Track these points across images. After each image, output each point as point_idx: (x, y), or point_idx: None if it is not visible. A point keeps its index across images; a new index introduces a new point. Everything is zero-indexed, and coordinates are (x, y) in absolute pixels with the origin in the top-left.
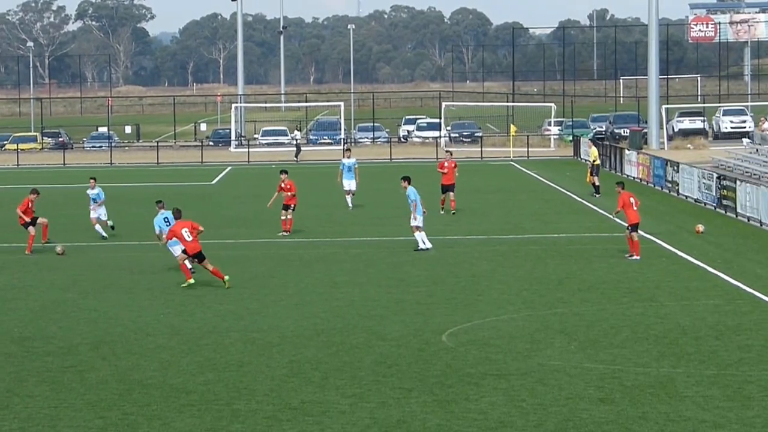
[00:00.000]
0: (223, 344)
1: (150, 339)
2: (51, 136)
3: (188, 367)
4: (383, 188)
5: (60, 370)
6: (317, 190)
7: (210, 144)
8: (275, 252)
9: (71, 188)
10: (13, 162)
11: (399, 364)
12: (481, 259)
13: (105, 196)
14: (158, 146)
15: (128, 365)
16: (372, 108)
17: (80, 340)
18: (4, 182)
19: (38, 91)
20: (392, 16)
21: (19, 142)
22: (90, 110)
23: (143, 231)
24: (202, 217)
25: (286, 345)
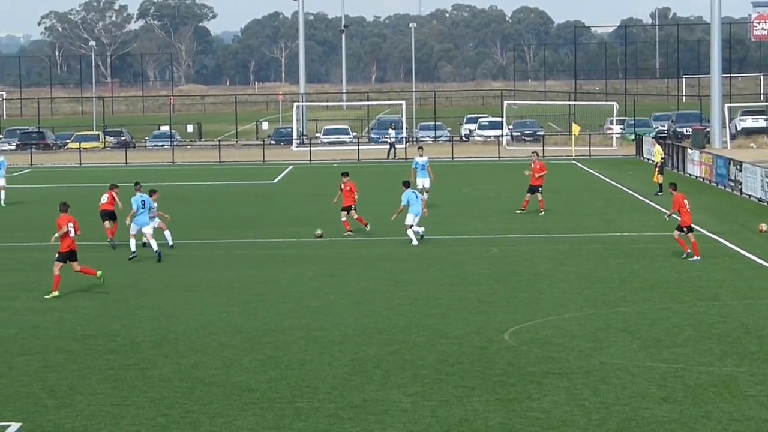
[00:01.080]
0: (285, 342)
1: (212, 337)
2: (113, 135)
3: (250, 365)
4: (445, 187)
5: (123, 368)
6: (379, 189)
7: (272, 143)
8: (337, 251)
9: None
10: (76, 161)
11: (461, 362)
12: (543, 257)
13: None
14: (220, 145)
15: (190, 363)
16: (434, 107)
17: (143, 337)
18: (67, 181)
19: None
20: (453, 15)
21: (81, 140)
22: (152, 109)
23: (205, 229)
24: (264, 216)
25: (348, 343)
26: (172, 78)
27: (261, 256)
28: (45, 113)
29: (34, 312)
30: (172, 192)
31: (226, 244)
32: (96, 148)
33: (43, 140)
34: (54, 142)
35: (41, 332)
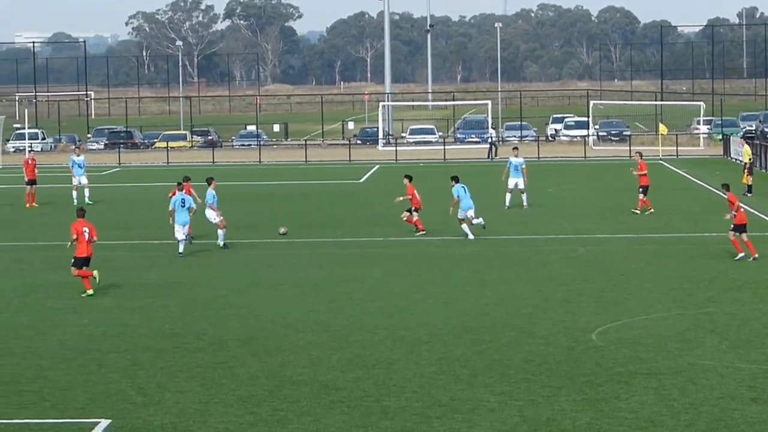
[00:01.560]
0: (372, 341)
1: (299, 335)
2: (200, 135)
3: (338, 364)
4: (531, 187)
5: (211, 366)
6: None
7: (357, 142)
8: (423, 250)
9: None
10: (163, 160)
11: (548, 362)
12: (630, 257)
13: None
14: (306, 144)
15: (278, 362)
16: (519, 106)
17: (230, 336)
18: (155, 180)
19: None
20: (539, 15)
21: (168, 140)
22: (238, 109)
23: (291, 228)
24: (351, 215)
25: (435, 343)
26: (259, 78)
27: (348, 254)
28: (132, 113)
29: (123, 310)
30: (258, 191)
31: (312, 243)
32: (183, 147)
33: (130, 139)
34: (141, 141)
35: (130, 330)
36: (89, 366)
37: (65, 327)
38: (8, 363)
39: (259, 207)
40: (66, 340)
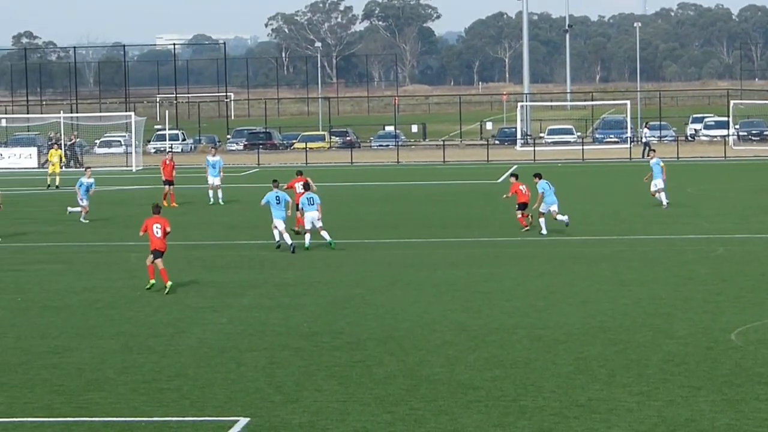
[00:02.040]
0: (510, 341)
1: (437, 335)
2: (339, 135)
3: (475, 363)
4: (670, 187)
5: (348, 365)
6: (604, 189)
7: (496, 143)
8: (561, 249)
9: (359, 186)
10: (302, 161)
11: (687, 362)
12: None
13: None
14: (444, 145)
15: (415, 361)
16: (659, 106)
17: (368, 335)
18: None
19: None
20: (679, 14)
21: (307, 140)
22: (376, 109)
23: (429, 228)
24: (487, 216)
25: (573, 342)
26: (397, 78)
27: (485, 254)
28: (272, 114)
29: (261, 309)
30: (397, 191)
31: (449, 243)
32: (322, 148)
33: (270, 140)
34: (281, 142)
35: (268, 329)
36: (228, 364)
37: (205, 325)
38: (149, 361)
39: (397, 207)
40: (205, 339)
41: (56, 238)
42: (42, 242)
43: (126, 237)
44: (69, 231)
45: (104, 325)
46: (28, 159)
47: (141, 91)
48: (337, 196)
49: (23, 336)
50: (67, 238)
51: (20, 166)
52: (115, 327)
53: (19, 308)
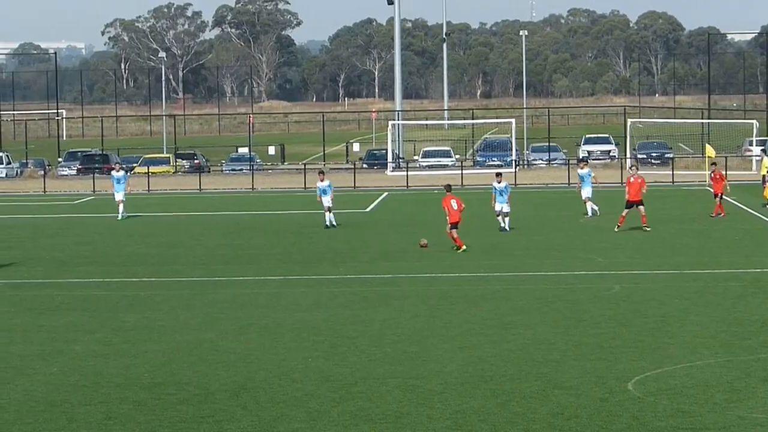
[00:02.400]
0: (379, 392)
1: (296, 386)
2: (185, 158)
3: (340, 418)
4: (560, 217)
5: (195, 421)
6: (485, 219)
7: (364, 166)
8: (437, 288)
9: (209, 216)
10: (144, 187)
11: (578, 415)
12: (672, 296)
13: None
14: (305, 169)
15: (272, 415)
16: (548, 125)
17: (218, 386)
18: (135, 209)
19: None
20: (570, 21)
21: (150, 164)
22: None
23: (289, 264)
24: (354, 250)
25: (450, 393)
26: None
27: (352, 294)
28: (109, 133)
29: (97, 357)
30: (252, 222)
31: (312, 280)
32: (166, 172)
33: (107, 164)
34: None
35: (105, 380)
36: (58, 420)
37: (31, 376)
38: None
39: (252, 240)
40: (32, 391)
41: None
42: None
43: None
44: None
45: None
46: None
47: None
48: (183, 227)
49: None
50: None
51: None
52: None
53: None
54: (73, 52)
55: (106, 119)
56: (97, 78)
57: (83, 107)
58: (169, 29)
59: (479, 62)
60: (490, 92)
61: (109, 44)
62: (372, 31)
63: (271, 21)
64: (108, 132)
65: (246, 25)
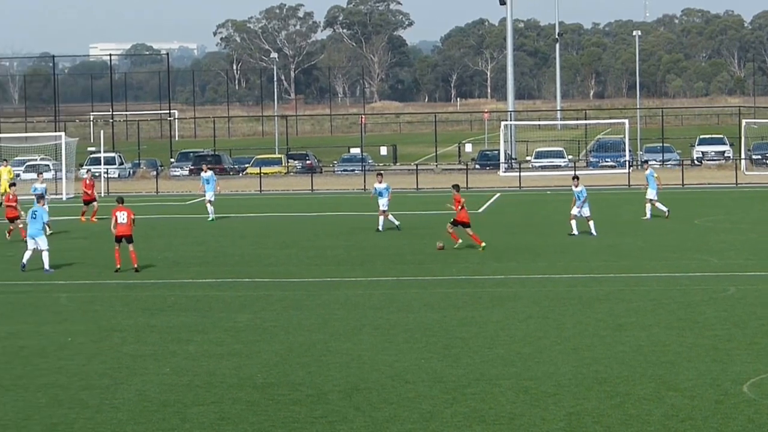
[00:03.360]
0: (492, 393)
1: (409, 387)
2: (297, 159)
3: (452, 419)
4: (675, 218)
5: (308, 421)
6: (599, 219)
7: (476, 167)
8: (550, 290)
9: (321, 216)
10: (256, 187)
11: (693, 417)
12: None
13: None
14: (417, 170)
15: (385, 416)
16: (661, 126)
17: (331, 387)
18: (247, 210)
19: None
20: (684, 21)
21: (262, 165)
22: (340, 129)
23: (400, 265)
24: (467, 251)
25: (564, 395)
26: (364, 94)
27: (464, 295)
28: (221, 134)
29: (210, 357)
30: (364, 223)
31: (424, 281)
32: (278, 173)
33: (219, 164)
34: (231, 166)
35: (217, 380)
36: (171, 420)
37: (145, 376)
38: (81, 417)
39: (364, 241)
40: (145, 391)
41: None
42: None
43: (55, 275)
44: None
45: (30, 376)
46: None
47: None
48: (295, 228)
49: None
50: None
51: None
52: (42, 378)
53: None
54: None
55: (218, 120)
56: (209, 79)
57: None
58: (281, 30)
59: (592, 62)
60: (603, 92)
61: (221, 45)
62: (484, 32)
63: (382, 21)
64: (220, 132)
65: (358, 26)
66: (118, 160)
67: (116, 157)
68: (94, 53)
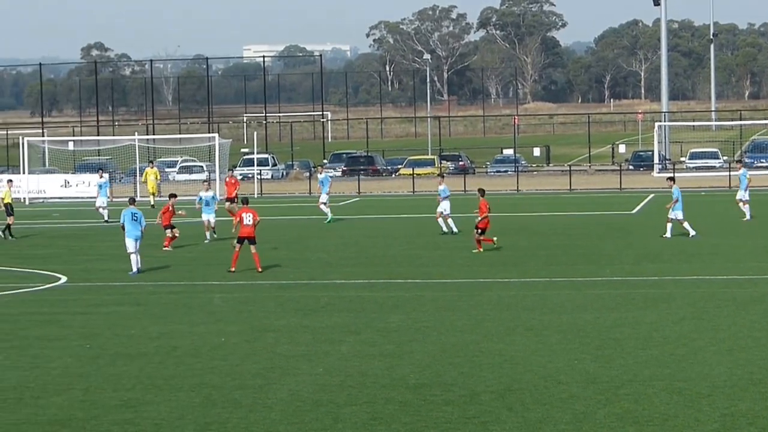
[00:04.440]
0: (646, 395)
1: (562, 387)
2: (450, 160)
3: (605, 420)
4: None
5: (461, 421)
6: (757, 221)
7: (629, 168)
8: (704, 291)
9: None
10: (408, 188)
11: None
12: None
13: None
14: (570, 171)
15: (537, 417)
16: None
17: (484, 387)
18: (400, 211)
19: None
20: None
21: (414, 166)
22: (494, 130)
23: (553, 266)
24: (620, 252)
25: (718, 396)
26: (517, 95)
27: (617, 296)
28: (374, 135)
29: (362, 357)
30: (516, 223)
31: (577, 282)
32: (431, 174)
33: (372, 165)
34: (384, 167)
35: (370, 380)
36: (324, 420)
37: (298, 376)
38: (234, 416)
39: (517, 241)
40: (298, 391)
41: (129, 276)
42: (113, 281)
43: (208, 276)
44: (144, 268)
45: (184, 376)
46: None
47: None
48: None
49: (92, 387)
50: (142, 277)
51: (89, 196)
52: (196, 378)
53: (88, 356)
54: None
55: (371, 121)
56: (361, 80)
57: (348, 109)
58: (434, 31)
59: (747, 63)
60: (758, 93)
61: (374, 46)
62: (638, 32)
63: (536, 22)
64: (372, 134)
65: (511, 27)
66: (271, 161)
67: (269, 159)
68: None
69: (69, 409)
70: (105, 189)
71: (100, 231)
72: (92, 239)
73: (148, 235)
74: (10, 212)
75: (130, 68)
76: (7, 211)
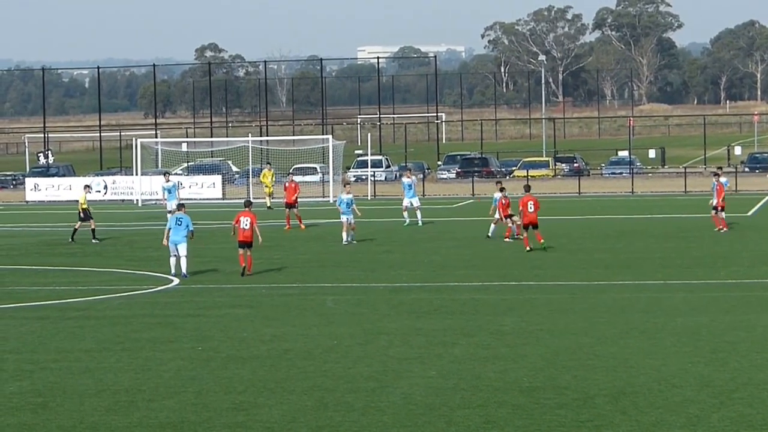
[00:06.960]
0: (761, 398)
1: (676, 391)
2: (565, 161)
3: (719, 424)
4: None
5: (574, 425)
6: None
7: (745, 170)
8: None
9: (588, 219)
10: (520, 191)
11: None
12: None
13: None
14: (686, 172)
15: (651, 420)
16: None
17: (597, 391)
18: None
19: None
20: None
21: (529, 168)
22: (608, 131)
23: (665, 269)
24: (735, 254)
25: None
26: (632, 96)
27: (733, 298)
28: (488, 137)
29: (476, 360)
30: (631, 226)
31: (692, 285)
32: (546, 176)
33: (486, 167)
34: (498, 169)
35: (483, 383)
36: (437, 424)
37: (411, 379)
38: (346, 420)
39: (631, 244)
40: (411, 395)
41: (241, 278)
42: (226, 284)
43: (321, 278)
44: (256, 271)
45: (296, 378)
46: (211, 189)
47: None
48: (562, 231)
49: (204, 390)
50: (254, 279)
51: (202, 197)
52: (308, 380)
53: (199, 359)
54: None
55: (485, 122)
56: (476, 81)
57: (462, 110)
58: (549, 32)
59: None
60: None
61: (489, 47)
62: (754, 33)
63: (651, 23)
64: (487, 135)
65: (626, 28)
66: (385, 162)
67: (383, 160)
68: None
69: (181, 412)
70: (174, 192)
71: (213, 234)
72: (205, 241)
73: (263, 237)
74: (89, 216)
75: (244, 69)
76: (86, 216)
